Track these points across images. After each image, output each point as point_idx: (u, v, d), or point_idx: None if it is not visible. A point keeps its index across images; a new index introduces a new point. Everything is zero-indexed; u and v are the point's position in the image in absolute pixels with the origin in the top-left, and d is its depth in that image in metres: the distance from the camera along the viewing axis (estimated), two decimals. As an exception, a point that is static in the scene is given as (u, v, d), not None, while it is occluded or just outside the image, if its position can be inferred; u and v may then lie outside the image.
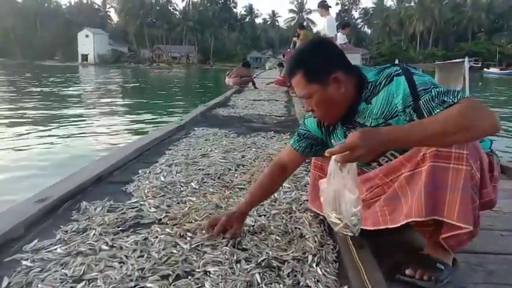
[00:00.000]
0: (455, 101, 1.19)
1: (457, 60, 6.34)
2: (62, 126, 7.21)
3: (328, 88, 1.40)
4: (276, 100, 8.04)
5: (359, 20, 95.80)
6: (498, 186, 1.45)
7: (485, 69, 59.82)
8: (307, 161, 3.08)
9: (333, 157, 1.26)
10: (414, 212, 1.30)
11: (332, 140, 1.63)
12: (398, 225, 1.37)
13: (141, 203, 2.08)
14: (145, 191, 2.24)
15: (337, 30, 8.32)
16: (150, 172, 2.64)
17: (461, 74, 5.98)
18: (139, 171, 2.65)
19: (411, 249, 1.54)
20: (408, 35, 78.49)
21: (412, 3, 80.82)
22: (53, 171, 4.37)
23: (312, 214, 1.91)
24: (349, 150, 1.20)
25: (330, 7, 7.99)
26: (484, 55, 67.33)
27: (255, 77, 13.08)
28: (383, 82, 1.38)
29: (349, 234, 1.38)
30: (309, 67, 1.42)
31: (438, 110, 1.21)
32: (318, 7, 8.08)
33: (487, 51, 68.83)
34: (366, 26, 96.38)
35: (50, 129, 6.76)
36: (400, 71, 1.35)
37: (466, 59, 5.93)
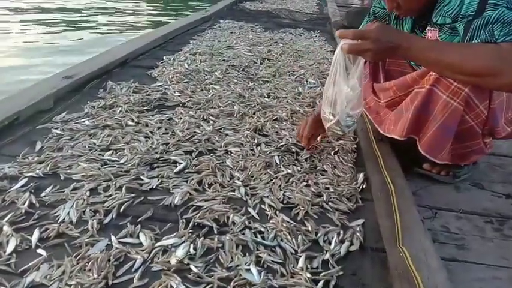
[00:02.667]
0: (504, 39, 1.01)
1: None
2: (87, 11, 7.07)
3: None
4: (308, -3, 7.54)
5: None
6: None
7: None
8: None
9: (340, 43, 1.15)
10: (399, 130, 1.30)
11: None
12: (392, 136, 1.35)
13: (166, 87, 2.09)
14: (170, 76, 2.24)
15: None
16: (174, 59, 2.61)
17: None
18: (164, 58, 2.62)
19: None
20: None
21: None
22: (78, 51, 4.38)
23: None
24: (361, 39, 1.10)
25: None
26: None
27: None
28: None
29: (339, 133, 1.30)
30: None
31: (477, 41, 1.06)
32: None
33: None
34: None
35: (74, 14, 6.66)
36: None
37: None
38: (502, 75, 0.99)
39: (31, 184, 1.17)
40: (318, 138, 1.53)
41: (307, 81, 2.39)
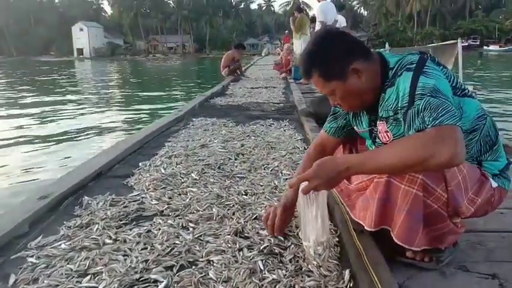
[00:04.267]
0: (433, 124, 1.12)
1: (450, 41, 6.26)
2: (62, 121, 7.23)
3: (348, 81, 1.33)
4: (274, 87, 8.00)
5: (355, 2, 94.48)
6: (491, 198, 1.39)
7: (484, 47, 59.47)
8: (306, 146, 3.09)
9: (300, 188, 1.33)
10: (367, 222, 1.38)
11: (355, 127, 1.57)
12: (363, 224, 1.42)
13: (143, 195, 2.09)
14: (147, 184, 2.25)
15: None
16: (150, 165, 2.65)
17: (454, 54, 5.93)
18: (140, 164, 2.66)
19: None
20: (405, 15, 77.59)
21: (408, -17, 79.85)
22: (54, 166, 4.39)
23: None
24: (306, 180, 1.28)
25: (326, -8, 7.85)
26: (482, 32, 66.79)
27: (250, 66, 12.82)
28: (398, 72, 1.29)
29: (314, 262, 1.39)
30: (324, 66, 1.34)
31: (412, 132, 1.17)
32: (315, -7, 7.97)
33: (485, 29, 68.14)
34: (362, 8, 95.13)
35: (49, 125, 6.78)
36: (413, 66, 1.25)
37: (459, 40, 5.86)
38: (435, 156, 1.08)
39: (3, 328, 1.10)
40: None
41: (282, 173, 2.45)
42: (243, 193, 2.10)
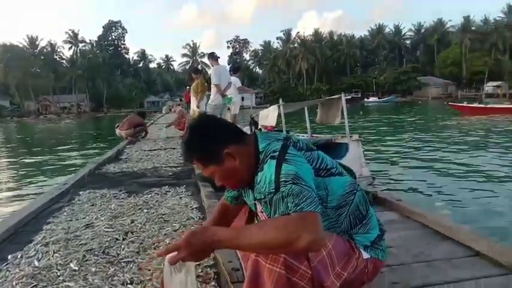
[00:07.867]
0: (295, 209, 1.19)
1: (335, 96, 6.86)
2: None
3: (224, 164, 1.41)
4: (173, 148, 7.90)
5: (250, 62, 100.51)
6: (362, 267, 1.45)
7: (365, 99, 67.08)
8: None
9: (165, 260, 1.30)
10: None
11: (244, 198, 1.58)
12: None
13: (7, 301, 1.80)
14: (14, 283, 1.95)
15: (230, 74, 8.43)
16: (21, 256, 2.32)
17: (340, 108, 6.50)
18: (9, 257, 2.31)
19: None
20: (295, 73, 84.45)
21: (296, 44, 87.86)
22: None
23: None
24: (176, 250, 1.26)
25: (219, 57, 8.21)
26: (363, 86, 75.60)
27: (150, 124, 12.65)
28: (265, 159, 1.35)
29: None
30: (200, 154, 1.43)
31: (278, 213, 1.25)
32: (208, 58, 8.32)
33: (364, 83, 77.30)
34: (257, 67, 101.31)
35: None
36: (277, 153, 1.32)
37: (343, 95, 6.45)
38: (299, 239, 1.14)
39: None
40: None
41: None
42: (128, 282, 1.94)
